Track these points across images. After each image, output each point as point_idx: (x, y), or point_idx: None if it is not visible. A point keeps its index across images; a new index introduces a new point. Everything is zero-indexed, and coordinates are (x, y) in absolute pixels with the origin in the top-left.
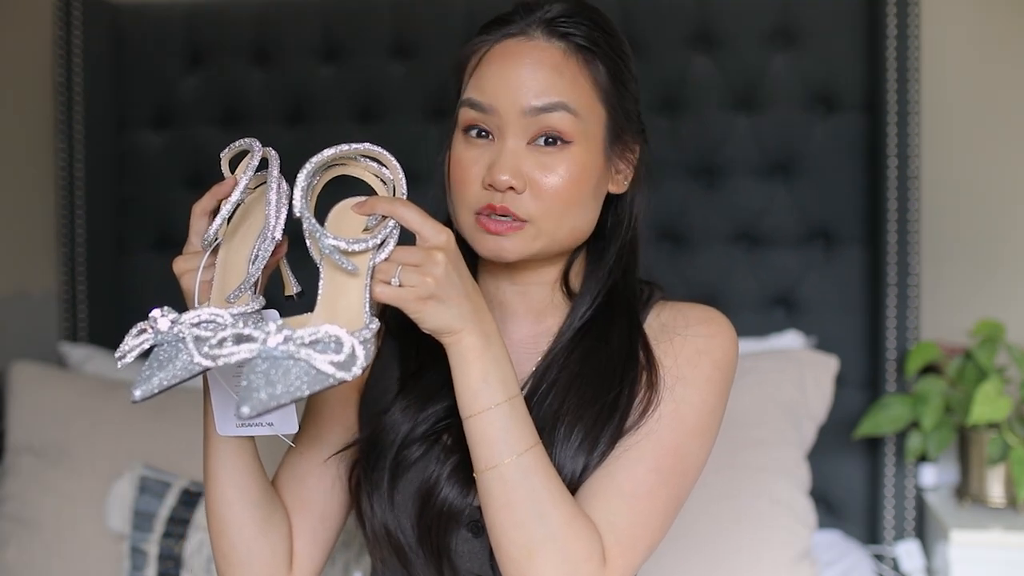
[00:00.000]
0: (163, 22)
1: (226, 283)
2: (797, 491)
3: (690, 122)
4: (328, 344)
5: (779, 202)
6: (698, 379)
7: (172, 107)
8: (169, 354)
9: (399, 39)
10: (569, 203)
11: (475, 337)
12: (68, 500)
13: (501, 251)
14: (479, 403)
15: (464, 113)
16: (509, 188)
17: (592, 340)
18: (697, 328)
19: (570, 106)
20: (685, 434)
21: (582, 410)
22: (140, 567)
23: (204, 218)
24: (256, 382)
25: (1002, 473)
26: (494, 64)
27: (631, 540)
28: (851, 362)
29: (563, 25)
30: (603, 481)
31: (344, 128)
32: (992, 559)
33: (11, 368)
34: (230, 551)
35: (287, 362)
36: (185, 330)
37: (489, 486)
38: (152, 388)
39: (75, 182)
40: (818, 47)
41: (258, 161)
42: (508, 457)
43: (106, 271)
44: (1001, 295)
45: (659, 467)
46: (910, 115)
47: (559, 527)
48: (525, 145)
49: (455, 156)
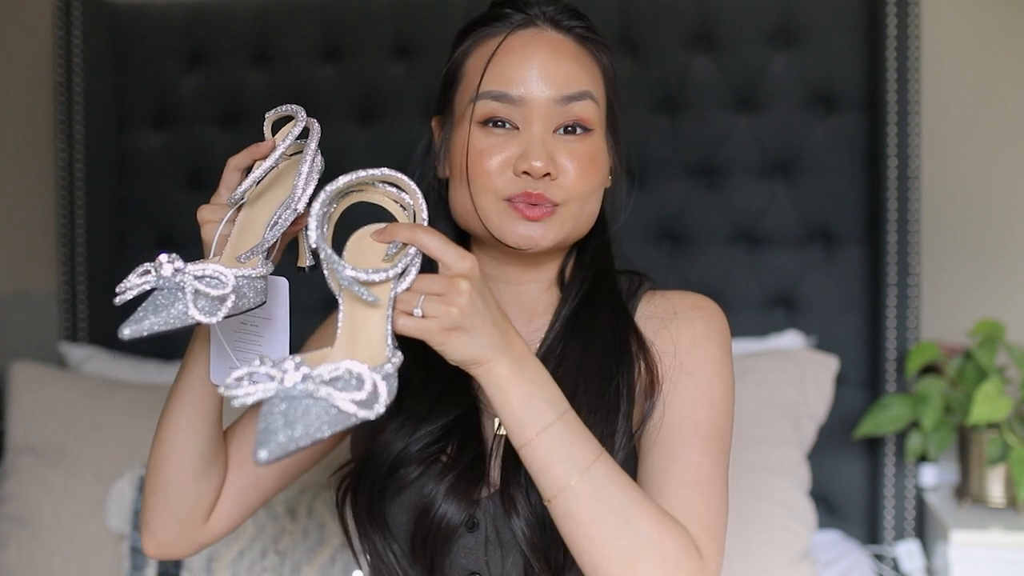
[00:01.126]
0: (163, 22)
1: (241, 242)
2: (797, 491)
3: (690, 122)
4: (349, 382)
5: (779, 202)
6: (713, 360)
7: (172, 107)
8: (167, 300)
9: (399, 39)
10: (592, 188)
11: (506, 364)
12: (68, 500)
13: (535, 239)
14: (529, 429)
15: (484, 105)
16: (545, 175)
17: (584, 329)
18: (691, 313)
19: (593, 94)
20: (717, 413)
21: (594, 403)
22: (140, 567)
23: (236, 173)
24: (274, 424)
25: (1002, 473)
26: (514, 54)
27: (713, 525)
28: (851, 362)
29: (565, 19)
30: (662, 479)
31: (344, 128)
32: (992, 559)
33: (11, 368)
34: (159, 486)
35: (306, 401)
36: (187, 280)
37: (566, 509)
38: (142, 330)
39: (75, 182)
40: (818, 47)
41: (299, 130)
42: (575, 476)
43: (106, 271)
44: (1001, 295)
45: (708, 448)
46: (910, 115)
47: (651, 528)
48: (551, 133)
49: (475, 146)
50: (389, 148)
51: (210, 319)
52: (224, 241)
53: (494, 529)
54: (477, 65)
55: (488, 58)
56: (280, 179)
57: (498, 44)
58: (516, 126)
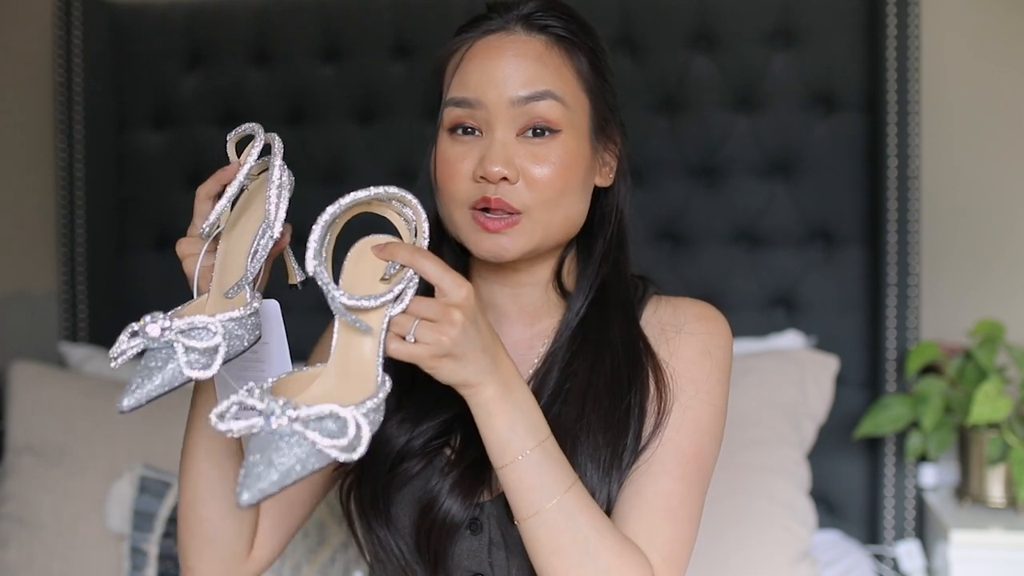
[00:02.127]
0: (163, 22)
1: (225, 277)
2: (797, 491)
3: (690, 122)
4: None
5: (779, 202)
6: (706, 382)
7: (172, 107)
8: (159, 362)
9: (399, 39)
10: (562, 191)
11: (493, 388)
12: (68, 500)
13: (501, 251)
14: (509, 454)
15: (449, 112)
16: (502, 179)
17: (593, 342)
18: (695, 326)
19: (557, 94)
20: (700, 438)
21: (604, 422)
22: (140, 567)
23: (208, 202)
24: (256, 468)
25: (1002, 473)
26: (476, 60)
27: (674, 554)
28: (851, 362)
29: (541, 19)
30: (633, 500)
31: (345, 128)
32: (992, 559)
33: (11, 368)
34: (197, 526)
35: (290, 441)
36: (174, 337)
37: (535, 533)
38: (141, 399)
39: (75, 182)
40: (818, 47)
41: (260, 146)
42: (548, 503)
43: (106, 271)
44: (1001, 295)
45: (683, 475)
46: (910, 115)
47: (610, 561)
48: (514, 137)
49: (441, 155)
50: (389, 147)
51: (206, 373)
52: (207, 274)
53: (498, 532)
54: (449, 72)
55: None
56: (253, 202)
57: (466, 49)
58: (481, 131)
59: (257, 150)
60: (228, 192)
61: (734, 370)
